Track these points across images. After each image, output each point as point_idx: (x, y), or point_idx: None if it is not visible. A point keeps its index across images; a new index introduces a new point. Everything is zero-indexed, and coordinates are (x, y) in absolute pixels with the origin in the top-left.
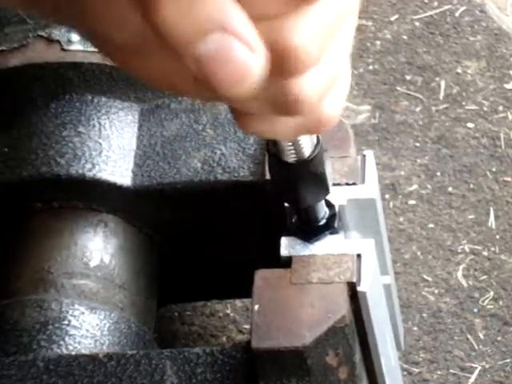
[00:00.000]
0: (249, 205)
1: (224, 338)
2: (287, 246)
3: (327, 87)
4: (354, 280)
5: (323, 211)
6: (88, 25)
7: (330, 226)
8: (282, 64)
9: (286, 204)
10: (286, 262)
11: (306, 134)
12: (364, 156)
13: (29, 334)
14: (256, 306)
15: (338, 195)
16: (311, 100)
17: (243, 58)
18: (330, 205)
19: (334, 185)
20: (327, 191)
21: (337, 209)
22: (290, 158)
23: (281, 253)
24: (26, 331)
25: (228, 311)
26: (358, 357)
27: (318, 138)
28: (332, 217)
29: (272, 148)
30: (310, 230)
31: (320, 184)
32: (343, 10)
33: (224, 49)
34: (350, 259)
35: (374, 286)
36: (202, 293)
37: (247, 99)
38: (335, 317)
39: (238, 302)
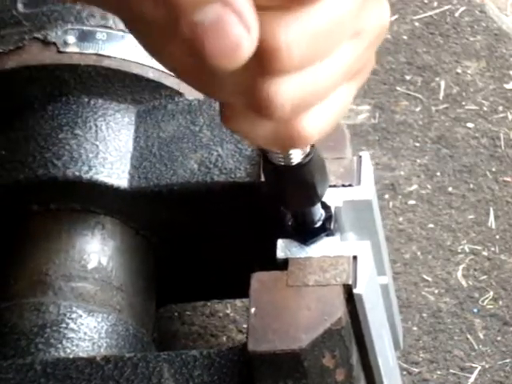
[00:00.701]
0: (245, 206)
1: (224, 338)
2: (283, 248)
3: (307, 101)
4: (350, 282)
5: (319, 213)
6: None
7: (326, 228)
8: (263, 59)
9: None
10: (283, 265)
11: (280, 146)
12: (360, 157)
13: (27, 337)
14: (252, 309)
15: (333, 197)
16: (285, 106)
17: (237, 33)
18: (325, 207)
19: (330, 186)
20: (317, 199)
21: (333, 210)
22: (279, 161)
23: (277, 255)
24: (23, 334)
25: (228, 311)
26: (355, 358)
27: (311, 146)
28: (328, 219)
29: (263, 149)
30: (306, 232)
31: (308, 192)
32: (337, 22)
33: (221, 20)
34: (346, 261)
35: (371, 287)
36: (199, 294)
37: (228, 88)
38: (331, 319)
39: (238, 302)
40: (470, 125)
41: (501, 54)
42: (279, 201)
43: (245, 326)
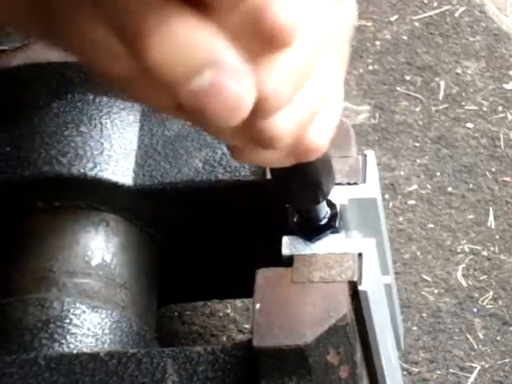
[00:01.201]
0: (250, 204)
1: (224, 338)
2: (289, 245)
3: (305, 122)
4: (356, 279)
5: (324, 211)
6: (79, 56)
7: (331, 226)
8: (254, 106)
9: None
10: (288, 261)
11: (296, 162)
12: (365, 156)
13: (31, 332)
14: (257, 305)
15: (339, 195)
16: (287, 135)
17: (235, 91)
18: (331, 204)
19: (336, 184)
20: (323, 196)
21: (338, 208)
22: None
23: (282, 252)
24: (27, 330)
25: (228, 311)
26: (358, 356)
27: None
28: (333, 216)
29: None
30: (312, 230)
31: (315, 189)
32: (317, 49)
33: (217, 84)
34: (351, 258)
35: (375, 285)
36: (202, 292)
37: (227, 135)
38: (336, 315)
39: (238, 302)
40: (469, 125)
41: (500, 54)
42: (285, 198)
43: (245, 325)
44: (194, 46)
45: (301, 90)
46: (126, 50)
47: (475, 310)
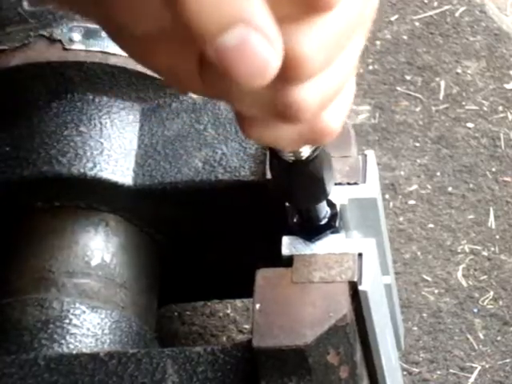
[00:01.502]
0: (250, 204)
1: (224, 338)
2: (288, 245)
3: (330, 98)
4: (356, 279)
5: (324, 211)
6: (103, 12)
7: (331, 226)
8: (286, 69)
9: (287, 203)
10: (288, 261)
11: (307, 144)
12: (365, 156)
13: (30, 332)
14: (257, 305)
15: (339, 195)
16: (312, 109)
17: (264, 52)
18: (331, 204)
19: (336, 184)
20: (324, 195)
21: (338, 208)
22: (288, 156)
23: (282, 252)
24: (27, 330)
25: (228, 311)
26: (358, 356)
27: None
28: (333, 216)
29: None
30: (312, 230)
31: (317, 187)
32: (355, 22)
33: (246, 42)
34: (351, 258)
35: (375, 285)
36: (202, 292)
37: (249, 102)
38: (336, 316)
39: (238, 302)
40: (470, 125)
41: (501, 54)
42: (286, 197)
43: (245, 326)
44: (229, 0)
45: (333, 61)
46: (160, 1)
47: (475, 310)
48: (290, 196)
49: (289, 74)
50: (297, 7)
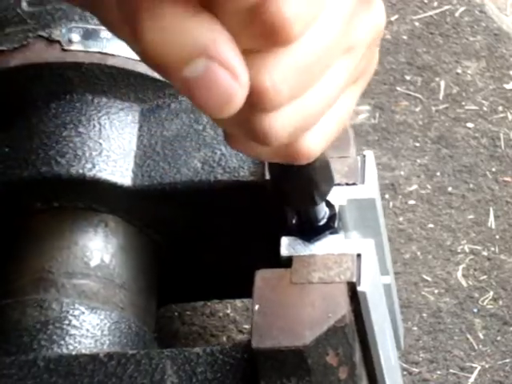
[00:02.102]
0: (249, 205)
1: (224, 338)
2: (287, 245)
3: (304, 126)
4: (354, 280)
5: (323, 211)
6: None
7: (330, 226)
8: (252, 98)
9: (286, 205)
10: (287, 262)
11: (287, 161)
12: (364, 156)
13: (29, 333)
14: (256, 306)
15: (337, 195)
16: (282, 136)
17: (227, 84)
18: (330, 205)
19: (334, 185)
20: (321, 197)
21: (337, 209)
22: None
23: (281, 253)
24: (26, 331)
25: (228, 311)
26: (358, 356)
27: None
28: (332, 217)
29: None
30: (310, 230)
31: (313, 190)
32: (326, 52)
33: (209, 74)
34: (350, 259)
35: (374, 285)
36: (201, 293)
37: (224, 122)
38: (335, 316)
39: (238, 302)
40: (469, 125)
41: (501, 54)
42: (284, 199)
43: (245, 326)
44: (189, 32)
45: (303, 92)
46: (124, 28)
47: (475, 310)
48: (287, 198)
49: (255, 103)
50: (258, 40)
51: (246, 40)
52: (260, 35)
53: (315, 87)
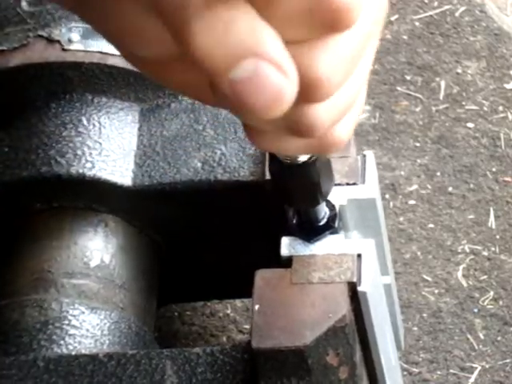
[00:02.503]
0: (249, 205)
1: (224, 338)
2: (288, 245)
3: (343, 113)
4: (355, 280)
5: (323, 211)
6: (115, 37)
7: (330, 226)
8: (304, 92)
9: (286, 205)
10: (287, 262)
11: (315, 153)
12: (364, 156)
13: (29, 333)
14: (256, 306)
15: (338, 195)
16: (326, 125)
17: (277, 83)
18: (330, 205)
19: (335, 185)
20: (322, 198)
21: (337, 209)
22: (285, 160)
23: (281, 253)
24: (26, 331)
25: (228, 311)
26: (358, 356)
27: None
28: (332, 217)
29: None
30: (311, 230)
31: (314, 190)
32: (367, 35)
33: (258, 75)
34: (350, 259)
35: (375, 285)
36: (202, 293)
37: (262, 120)
38: (336, 316)
39: (238, 302)
40: (470, 125)
41: (501, 54)
42: (285, 199)
43: (245, 326)
44: (238, 34)
45: (347, 79)
46: (170, 35)
47: (476, 311)
48: (287, 198)
49: (307, 96)
50: (314, 29)
51: (299, 29)
52: (320, 23)
53: (357, 70)
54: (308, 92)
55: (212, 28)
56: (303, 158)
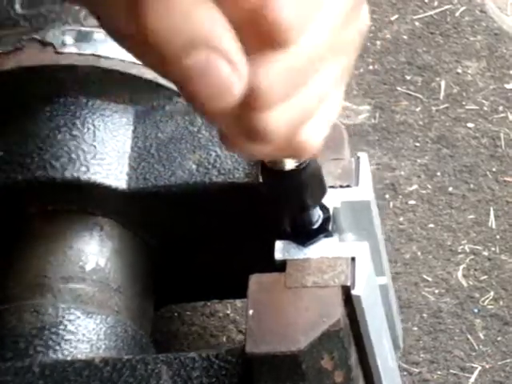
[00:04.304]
0: (244, 207)
1: (224, 338)
2: (281, 249)
3: (300, 121)
4: (349, 283)
5: (317, 214)
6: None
7: (324, 230)
8: (247, 98)
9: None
10: (281, 266)
11: (285, 158)
12: (358, 158)
13: (25, 339)
14: (250, 311)
15: (332, 198)
16: (279, 133)
17: (225, 76)
18: (324, 208)
19: (328, 187)
20: (312, 204)
21: (331, 211)
22: (274, 166)
23: (275, 257)
24: (22, 336)
25: (228, 311)
26: (353, 360)
27: None
28: (326, 220)
29: None
30: (305, 234)
31: (304, 197)
32: (321, 54)
33: (208, 66)
34: (344, 262)
35: (369, 288)
36: (197, 294)
37: (221, 121)
38: (330, 321)
39: (238, 302)
40: (470, 125)
41: (501, 54)
42: (276, 204)
43: (245, 326)
44: (194, 21)
45: (297, 91)
46: (128, 12)
47: (476, 311)
48: (279, 204)
49: (250, 102)
50: (256, 40)
51: (245, 39)
52: (258, 37)
53: (307, 87)
54: (252, 100)
55: (168, 11)
56: (290, 165)
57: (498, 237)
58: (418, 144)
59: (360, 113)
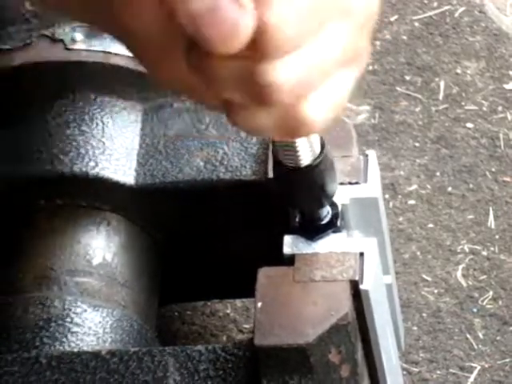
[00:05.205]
0: (251, 204)
1: (224, 338)
2: (290, 244)
3: (303, 84)
4: (357, 278)
5: (326, 210)
6: (112, 18)
7: (332, 225)
8: (257, 43)
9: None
10: (289, 260)
11: (287, 135)
12: (366, 155)
13: (32, 331)
14: (259, 304)
15: (340, 194)
16: (282, 88)
17: (234, 17)
18: (332, 204)
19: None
20: (326, 200)
21: (340, 208)
22: (289, 163)
23: (284, 251)
24: (29, 328)
25: (228, 311)
26: (360, 355)
27: (321, 148)
28: (335, 215)
29: (274, 150)
30: (313, 229)
31: (318, 194)
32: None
33: (216, 8)
34: (352, 257)
35: (377, 284)
36: (203, 292)
37: (226, 83)
38: (338, 314)
39: (238, 302)
40: (469, 125)
41: (500, 54)
42: (289, 201)
43: (245, 325)
44: None
45: (306, 43)
46: None
47: (475, 310)
48: (292, 201)
49: (256, 45)
50: None
51: None
52: None
53: (315, 44)
54: (258, 41)
55: None
56: (306, 161)
57: (497, 237)
58: (417, 144)
59: (360, 113)
